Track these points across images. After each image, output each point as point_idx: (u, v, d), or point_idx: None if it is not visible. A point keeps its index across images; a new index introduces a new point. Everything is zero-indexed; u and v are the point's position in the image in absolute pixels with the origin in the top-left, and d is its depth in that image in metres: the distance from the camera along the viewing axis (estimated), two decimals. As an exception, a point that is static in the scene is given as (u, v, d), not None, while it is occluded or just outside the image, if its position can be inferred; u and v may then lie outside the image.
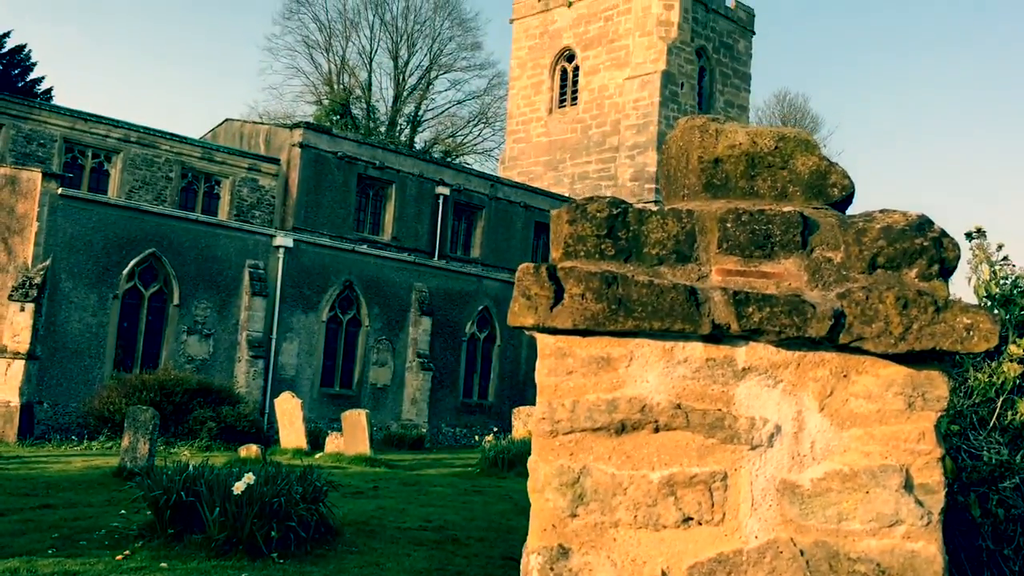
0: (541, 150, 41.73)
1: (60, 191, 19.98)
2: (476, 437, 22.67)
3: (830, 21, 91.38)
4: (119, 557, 6.92)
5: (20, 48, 36.65)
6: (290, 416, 18.00)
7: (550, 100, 42.04)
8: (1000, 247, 4.72)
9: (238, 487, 7.17)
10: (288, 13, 52.20)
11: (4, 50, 36.03)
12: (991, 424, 4.17)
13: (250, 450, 15.40)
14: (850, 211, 2.78)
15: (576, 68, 41.29)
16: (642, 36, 38.42)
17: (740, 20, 42.06)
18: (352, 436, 16.98)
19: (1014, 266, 4.67)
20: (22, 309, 18.99)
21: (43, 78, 37.61)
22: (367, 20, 52.29)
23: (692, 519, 2.42)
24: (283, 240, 23.39)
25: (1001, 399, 4.14)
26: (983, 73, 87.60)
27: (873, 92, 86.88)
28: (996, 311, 4.42)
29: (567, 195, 37.79)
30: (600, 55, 40.12)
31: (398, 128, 51.67)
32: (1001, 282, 4.55)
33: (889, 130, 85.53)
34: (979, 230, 8.12)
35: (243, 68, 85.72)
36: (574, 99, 41.24)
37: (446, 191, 31.83)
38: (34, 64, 37.08)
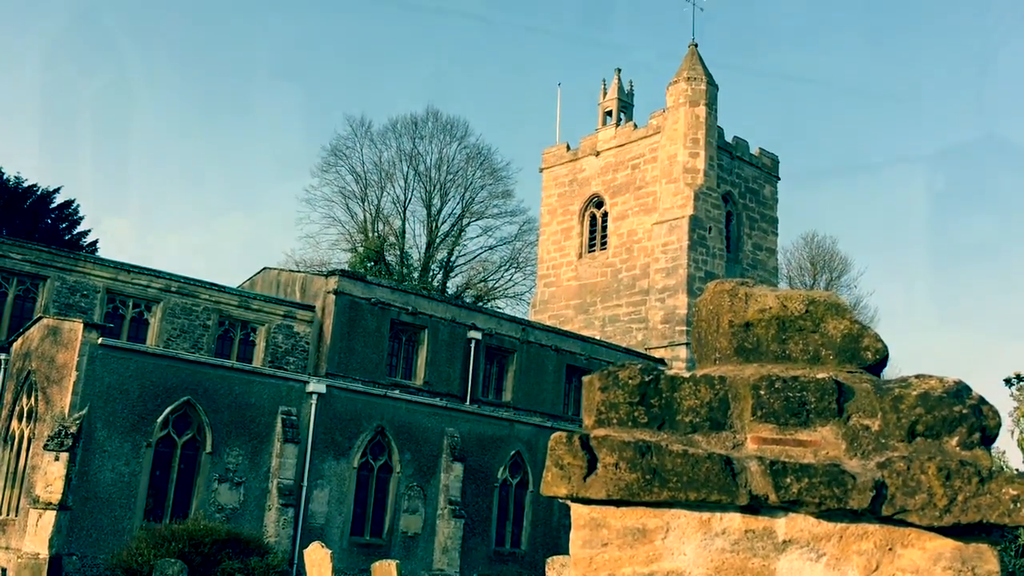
0: (571, 294, 42.10)
1: (100, 340, 20.34)
2: (509, 589, 21.96)
3: (855, 161, 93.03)
4: None
5: (68, 203, 38.27)
6: (319, 568, 17.60)
7: (580, 245, 42.73)
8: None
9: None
10: (326, 166, 54.21)
11: (53, 205, 37.60)
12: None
13: (277, 605, 15.00)
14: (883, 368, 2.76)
15: (605, 214, 42.14)
16: (669, 183, 39.30)
17: (765, 167, 42.99)
18: (382, 589, 16.52)
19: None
20: (56, 459, 19.03)
21: (89, 231, 39.09)
22: (401, 171, 54.09)
23: None
24: (316, 386, 23.48)
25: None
26: (1012, 209, 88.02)
27: (901, 232, 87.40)
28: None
29: (598, 338, 37.85)
30: (628, 201, 40.98)
31: (431, 274, 52.57)
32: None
33: (919, 270, 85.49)
34: (1019, 376, 7.94)
35: (283, 218, 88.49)
36: (603, 243, 41.89)
37: (478, 335, 32.02)
38: (81, 218, 38.65)
